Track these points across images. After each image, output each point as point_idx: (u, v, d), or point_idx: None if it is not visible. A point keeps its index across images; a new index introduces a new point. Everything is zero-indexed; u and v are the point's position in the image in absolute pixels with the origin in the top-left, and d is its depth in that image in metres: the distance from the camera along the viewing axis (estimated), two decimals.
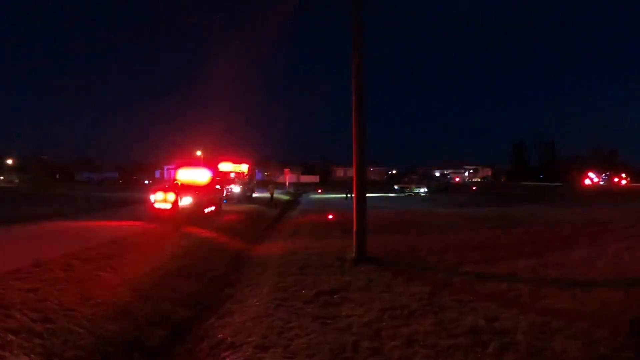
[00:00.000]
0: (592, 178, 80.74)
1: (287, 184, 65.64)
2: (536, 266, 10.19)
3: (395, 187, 51.73)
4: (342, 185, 69.88)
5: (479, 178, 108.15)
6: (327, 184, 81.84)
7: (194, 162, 30.45)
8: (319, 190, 58.70)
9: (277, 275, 9.92)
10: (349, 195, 39.52)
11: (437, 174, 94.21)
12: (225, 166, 35.39)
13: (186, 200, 18.55)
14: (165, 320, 7.58)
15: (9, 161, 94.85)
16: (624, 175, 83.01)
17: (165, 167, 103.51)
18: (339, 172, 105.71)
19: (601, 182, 78.17)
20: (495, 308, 7.08)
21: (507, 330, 6.04)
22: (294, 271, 10.23)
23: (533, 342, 5.62)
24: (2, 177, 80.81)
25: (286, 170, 71.64)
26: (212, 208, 22.02)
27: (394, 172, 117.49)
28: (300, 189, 62.19)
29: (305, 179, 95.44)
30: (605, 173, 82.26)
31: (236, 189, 32.51)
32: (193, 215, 18.53)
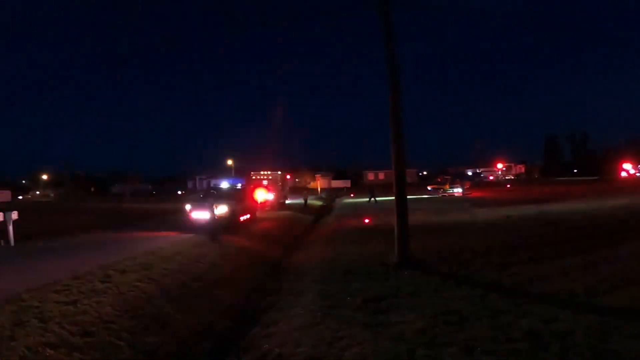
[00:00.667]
0: (628, 170, 78.45)
1: (319, 189, 65.48)
2: (585, 264, 9.63)
3: (429, 188, 50.82)
4: (375, 189, 69.50)
5: (512, 175, 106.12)
6: (359, 188, 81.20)
7: (227, 172, 30.43)
8: (352, 195, 58.15)
9: (320, 282, 9.58)
10: (372, 199, 39.71)
11: (470, 173, 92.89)
12: (258, 174, 35.39)
13: (222, 209, 18.41)
14: (207, 331, 7.33)
15: (44, 176, 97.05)
16: None
17: (198, 178, 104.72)
18: (370, 176, 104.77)
19: (638, 174, 75.84)
20: (550, 309, 6.66)
21: (566, 332, 5.64)
22: (337, 277, 9.87)
23: (594, 343, 5.27)
24: (38, 192, 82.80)
25: (318, 175, 71.47)
26: (248, 216, 21.88)
27: (424, 173, 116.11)
28: (333, 194, 61.80)
29: (337, 184, 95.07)
30: None
31: (270, 196, 32.40)
32: (229, 224, 18.37)
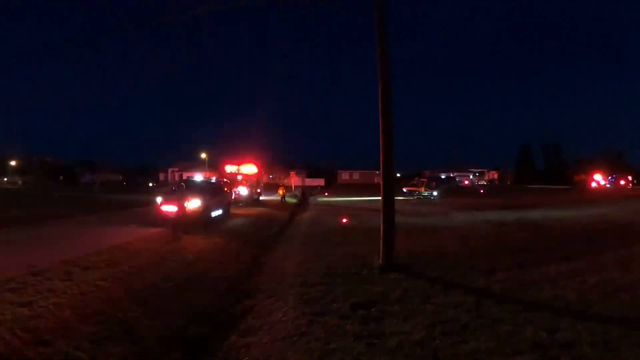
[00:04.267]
0: (598, 181, 79.83)
1: (293, 187, 64.83)
2: (571, 271, 9.48)
3: (404, 189, 50.51)
4: (350, 189, 69.15)
5: (485, 181, 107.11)
6: (334, 187, 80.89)
7: (201, 165, 29.75)
8: (326, 194, 57.70)
9: (301, 285, 8.96)
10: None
11: (443, 177, 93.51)
12: (232, 168, 34.64)
13: (194, 203, 17.71)
14: (177, 340, 6.58)
15: (12, 162, 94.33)
16: (630, 177, 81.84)
17: (170, 170, 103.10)
18: (345, 176, 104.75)
19: (608, 185, 77.14)
20: (549, 318, 6.42)
21: (572, 343, 5.43)
22: (319, 280, 9.27)
23: (603, 354, 5.13)
24: (5, 179, 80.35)
25: (292, 173, 70.87)
26: (221, 211, 21.16)
27: (398, 175, 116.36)
28: (307, 191, 61.25)
29: (311, 182, 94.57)
30: (611, 175, 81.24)
31: (244, 191, 31.69)
32: (201, 219, 17.69)
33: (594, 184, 78.08)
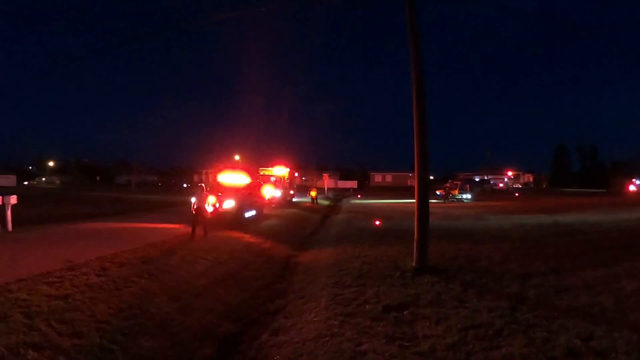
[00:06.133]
0: (636, 184, 77.37)
1: (325, 189, 64.78)
2: (608, 277, 9.12)
3: (437, 192, 49.85)
4: (382, 191, 68.75)
5: (520, 184, 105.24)
6: (366, 190, 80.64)
7: (235, 166, 29.86)
8: (359, 196, 57.50)
9: (333, 286, 8.92)
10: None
11: (477, 179, 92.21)
12: (266, 170, 34.86)
13: (228, 204, 17.86)
14: (209, 336, 6.64)
15: (51, 163, 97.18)
16: None
17: (204, 171, 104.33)
18: (377, 178, 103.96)
19: None
20: (585, 325, 6.21)
21: (607, 351, 5.26)
22: (351, 282, 9.20)
23: None
24: (44, 179, 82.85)
25: (325, 175, 70.72)
26: (254, 212, 21.27)
27: (431, 177, 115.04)
28: (339, 194, 61.20)
29: (343, 184, 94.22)
30: None
31: (277, 193, 31.84)
32: (235, 219, 17.81)
33: (632, 188, 75.62)
